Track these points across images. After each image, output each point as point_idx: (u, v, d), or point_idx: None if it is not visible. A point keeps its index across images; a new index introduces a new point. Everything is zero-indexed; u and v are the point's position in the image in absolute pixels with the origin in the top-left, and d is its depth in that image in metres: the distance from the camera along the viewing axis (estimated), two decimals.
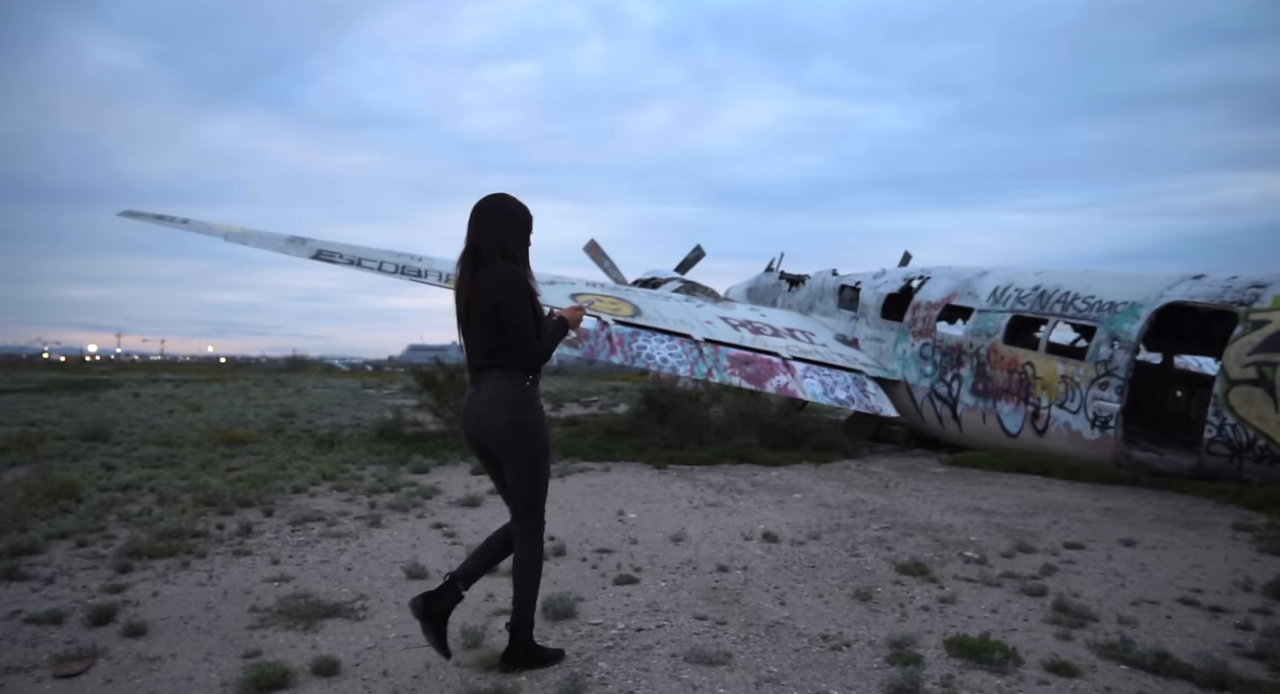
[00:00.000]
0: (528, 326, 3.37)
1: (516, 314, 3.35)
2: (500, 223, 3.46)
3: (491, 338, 3.39)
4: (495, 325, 3.37)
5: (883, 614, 4.29)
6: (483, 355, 3.43)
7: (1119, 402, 9.40)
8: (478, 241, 3.44)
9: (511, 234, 3.46)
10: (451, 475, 8.98)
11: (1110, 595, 4.77)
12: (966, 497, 8.25)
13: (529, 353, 3.39)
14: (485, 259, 3.41)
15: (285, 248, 11.37)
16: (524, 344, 3.37)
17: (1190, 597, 4.76)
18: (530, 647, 3.47)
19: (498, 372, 3.40)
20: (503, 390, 3.37)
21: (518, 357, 3.38)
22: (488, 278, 3.37)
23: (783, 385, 11.40)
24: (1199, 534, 6.65)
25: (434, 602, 3.39)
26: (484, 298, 3.36)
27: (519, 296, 3.35)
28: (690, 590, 4.63)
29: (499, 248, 3.41)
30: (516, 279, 3.38)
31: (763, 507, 7.43)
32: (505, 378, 3.39)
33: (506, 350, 3.38)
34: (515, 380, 3.39)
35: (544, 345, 3.44)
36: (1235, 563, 5.65)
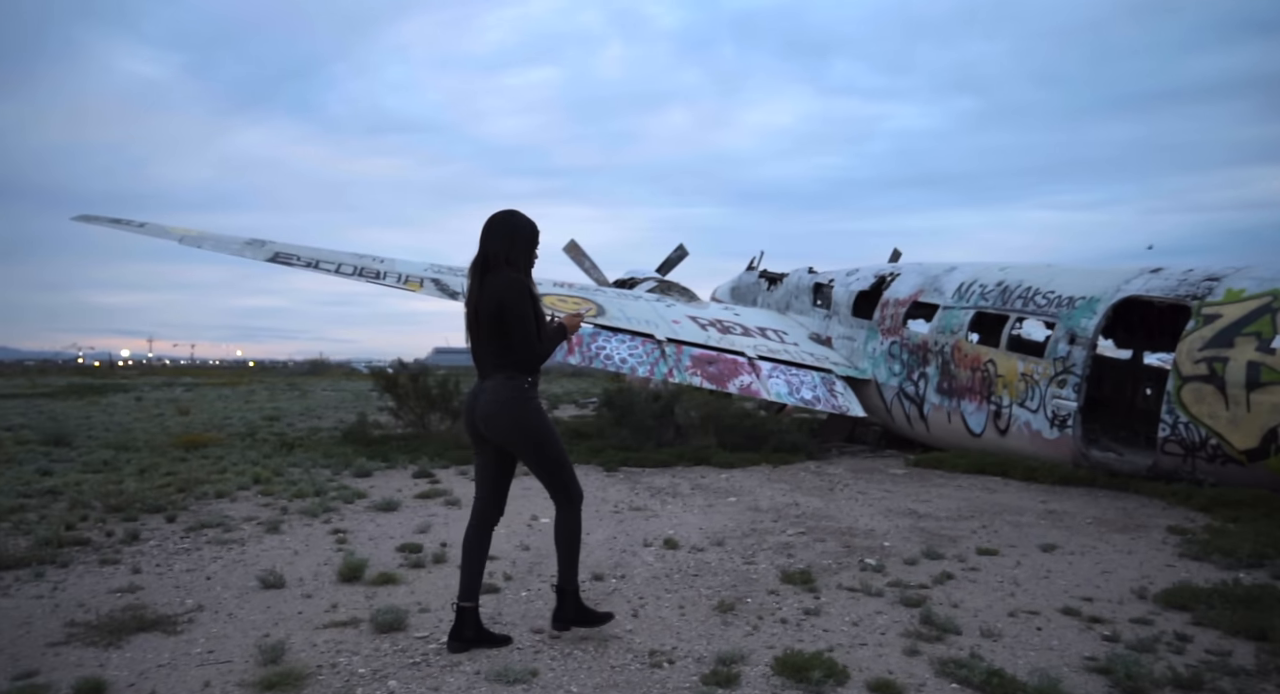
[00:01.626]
0: (529, 330, 3.73)
1: (518, 318, 3.71)
2: (508, 236, 3.83)
3: (496, 340, 3.76)
4: (500, 328, 3.73)
5: (734, 628, 4.12)
6: (489, 356, 3.81)
7: (1076, 400, 9.11)
8: (486, 252, 3.81)
9: (518, 246, 3.84)
10: (390, 479, 8.89)
11: (992, 606, 4.56)
12: (909, 499, 8.03)
13: (530, 354, 3.76)
14: (492, 268, 3.78)
15: (242, 251, 11.36)
16: (525, 346, 3.74)
17: (1077, 606, 4.53)
18: (579, 607, 3.92)
19: (501, 374, 3.78)
20: (504, 391, 3.76)
21: (519, 357, 3.75)
22: (494, 285, 3.73)
23: (746, 385, 11.20)
24: (1128, 538, 6.40)
25: (460, 633, 3.76)
26: (490, 302, 3.72)
27: (521, 302, 3.72)
28: (548, 602, 4.47)
29: (505, 258, 3.78)
30: (520, 286, 3.75)
31: (688, 511, 7.27)
32: (507, 380, 3.77)
33: (510, 352, 3.75)
34: (516, 382, 3.77)
35: (543, 347, 3.81)
36: (1147, 569, 5.40)
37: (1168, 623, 4.26)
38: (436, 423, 12.24)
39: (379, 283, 11.37)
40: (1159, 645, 3.90)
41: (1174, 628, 4.16)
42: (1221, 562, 5.51)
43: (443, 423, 12.22)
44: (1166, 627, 4.19)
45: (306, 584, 4.74)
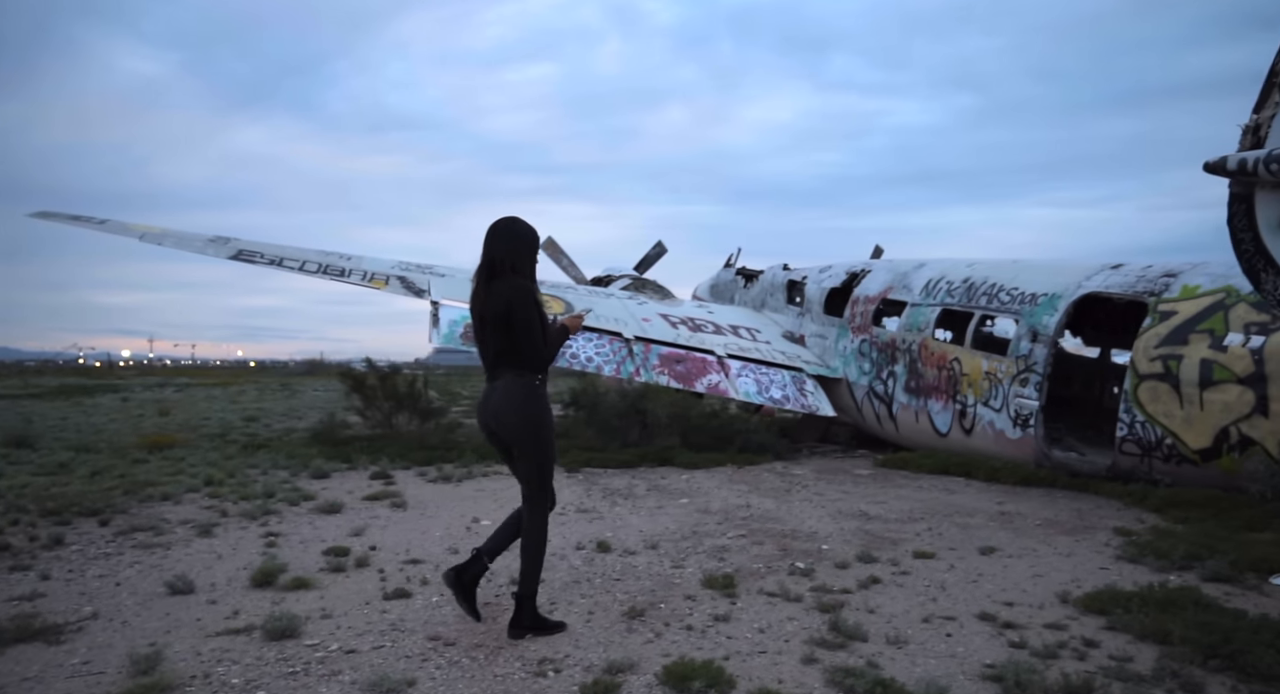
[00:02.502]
0: (535, 333, 3.93)
1: (525, 322, 3.89)
2: (511, 242, 4.01)
3: (503, 342, 3.94)
4: (506, 331, 3.91)
5: (636, 635, 4.05)
6: (496, 357, 3.99)
7: (1038, 399, 9.03)
8: (491, 258, 3.98)
9: (521, 252, 4.02)
10: (347, 480, 8.84)
11: (910, 611, 4.48)
12: (864, 501, 7.95)
13: (536, 356, 3.96)
14: (498, 273, 3.95)
15: (204, 249, 11.31)
16: (531, 348, 3.93)
17: (995, 611, 4.46)
18: (535, 615, 3.99)
19: (510, 372, 3.97)
20: (515, 389, 3.95)
21: (526, 359, 3.94)
22: (500, 290, 3.90)
23: (714, 384, 11.14)
24: (1073, 540, 6.32)
25: (463, 572, 4.05)
26: (497, 307, 3.89)
27: (527, 307, 3.90)
28: (455, 608, 4.41)
29: (510, 264, 3.95)
30: (525, 292, 3.93)
31: (635, 513, 7.20)
32: (517, 378, 3.96)
33: (516, 353, 3.94)
34: (526, 380, 3.96)
35: (548, 350, 4.03)
36: (1080, 572, 5.33)
37: (1081, 628, 4.19)
38: (405, 423, 12.19)
39: (344, 280, 11.31)
40: (1063, 651, 3.83)
41: (1085, 633, 4.08)
42: (1155, 564, 5.44)
43: (411, 423, 12.16)
44: (1079, 632, 4.12)
45: (217, 590, 4.68)
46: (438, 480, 8.97)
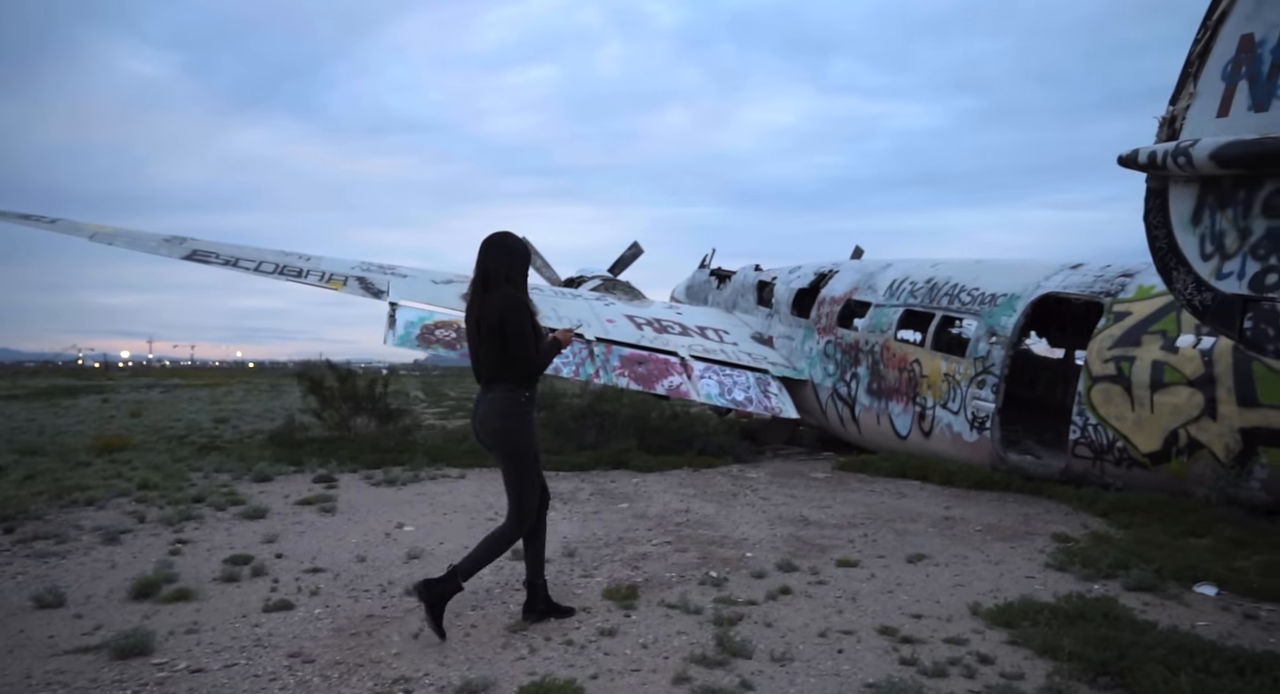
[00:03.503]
0: (528, 344, 4.05)
1: (518, 333, 4.02)
2: (505, 256, 4.14)
3: (496, 351, 4.06)
4: (500, 341, 4.02)
5: (510, 651, 3.86)
6: (490, 367, 4.12)
7: (994, 401, 8.83)
8: (486, 270, 4.10)
9: (515, 265, 4.16)
10: (289, 483, 8.66)
11: (810, 624, 4.29)
12: (810, 505, 7.76)
13: (528, 367, 4.10)
14: (492, 285, 4.07)
15: (158, 249, 11.13)
16: (523, 358, 4.06)
17: (899, 624, 4.27)
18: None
19: (501, 385, 4.10)
20: (501, 401, 4.09)
21: (518, 369, 4.07)
22: (495, 301, 4.03)
23: (675, 386, 10.95)
24: (1008, 547, 6.13)
25: (432, 589, 3.98)
26: (491, 317, 4.01)
27: (520, 318, 4.03)
28: (334, 621, 4.24)
29: (504, 276, 4.08)
30: (519, 303, 4.07)
31: (569, 519, 7.01)
32: (506, 393, 4.10)
33: (509, 363, 4.06)
34: (515, 395, 4.10)
35: (540, 360, 4.16)
36: (1004, 581, 5.13)
37: (982, 643, 4.00)
38: (363, 425, 12.00)
39: (301, 281, 11.14)
40: (953, 669, 3.64)
41: (984, 649, 3.89)
42: (1081, 573, 5.24)
43: (369, 425, 11.98)
44: (978, 647, 3.92)
45: (90, 603, 4.50)
46: (381, 484, 8.79)
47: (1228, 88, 3.77)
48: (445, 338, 10.64)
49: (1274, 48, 3.58)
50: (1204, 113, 3.87)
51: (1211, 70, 3.87)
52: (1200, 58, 3.93)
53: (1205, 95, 3.88)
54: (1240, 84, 3.72)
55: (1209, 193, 3.81)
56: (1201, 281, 3.82)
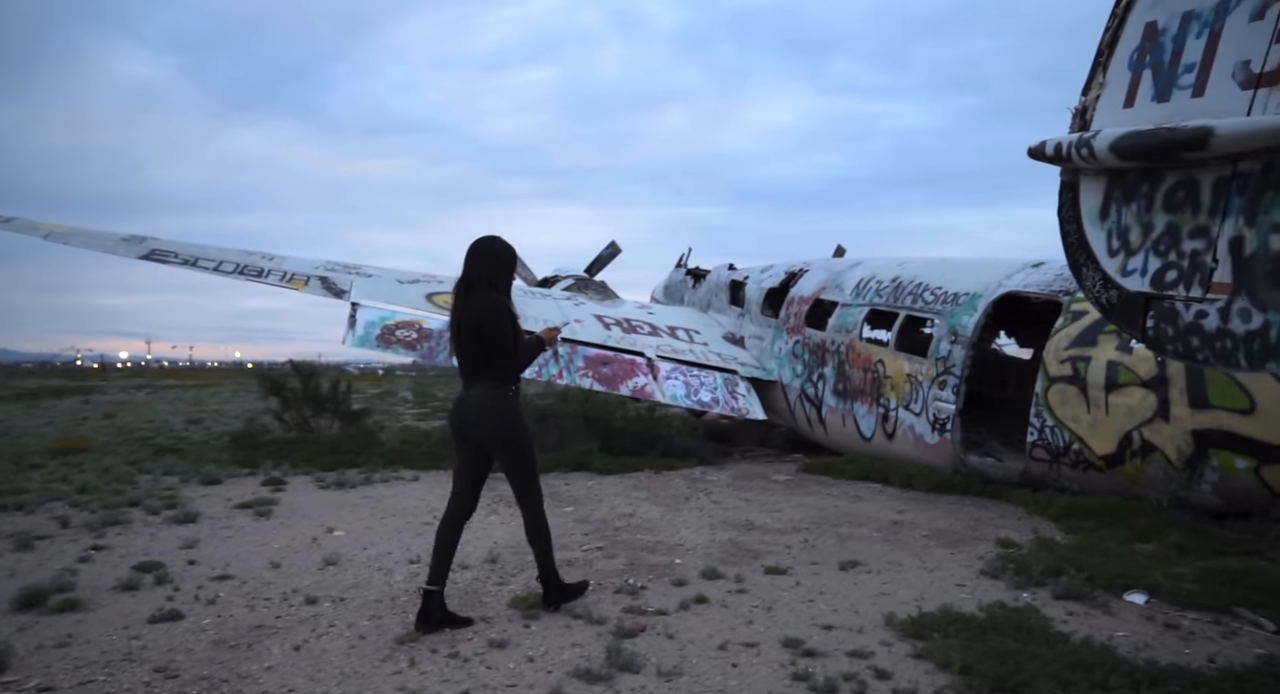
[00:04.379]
0: (507, 344, 4.19)
1: (499, 334, 4.16)
2: (490, 260, 4.30)
3: (478, 352, 4.20)
4: (482, 342, 4.17)
5: (389, 665, 3.71)
6: (472, 366, 4.26)
7: (954, 402, 8.65)
8: (470, 274, 4.27)
9: (499, 269, 4.31)
10: (237, 486, 8.50)
11: (713, 636, 4.14)
12: (759, 509, 7.60)
13: (508, 366, 4.25)
14: (475, 288, 4.23)
15: (115, 248, 10.98)
16: (504, 359, 4.21)
17: (807, 636, 4.11)
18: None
19: (484, 382, 4.24)
20: (488, 398, 4.22)
21: (499, 367, 4.22)
22: (474, 303, 4.18)
23: (639, 387, 10.78)
24: (949, 553, 5.96)
25: (550, 593, 4.51)
26: (473, 319, 4.16)
27: (502, 320, 4.17)
28: (218, 632, 4.09)
29: (487, 280, 4.23)
30: (501, 306, 4.22)
31: (506, 524, 6.86)
32: (491, 388, 4.23)
33: (490, 363, 4.20)
34: (501, 391, 4.24)
35: (520, 359, 4.31)
36: (932, 590, 4.97)
37: (886, 656, 3.84)
38: (325, 426, 11.85)
39: (262, 281, 10.99)
40: (846, 685, 3.49)
41: (885, 663, 3.73)
42: (1013, 580, 5.08)
43: (332, 426, 11.83)
44: (880, 661, 3.77)
45: None
46: (330, 487, 8.64)
47: (1133, 77, 3.61)
48: (406, 338, 10.48)
49: (1175, 36, 3.41)
50: (1112, 103, 3.71)
51: (1119, 59, 3.71)
52: (1109, 46, 3.77)
53: (1113, 85, 3.72)
54: (1145, 73, 3.55)
55: (1115, 186, 3.64)
56: (1108, 279, 3.66)
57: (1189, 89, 3.34)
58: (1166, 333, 3.37)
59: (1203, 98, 3.28)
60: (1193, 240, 3.26)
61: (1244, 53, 3.12)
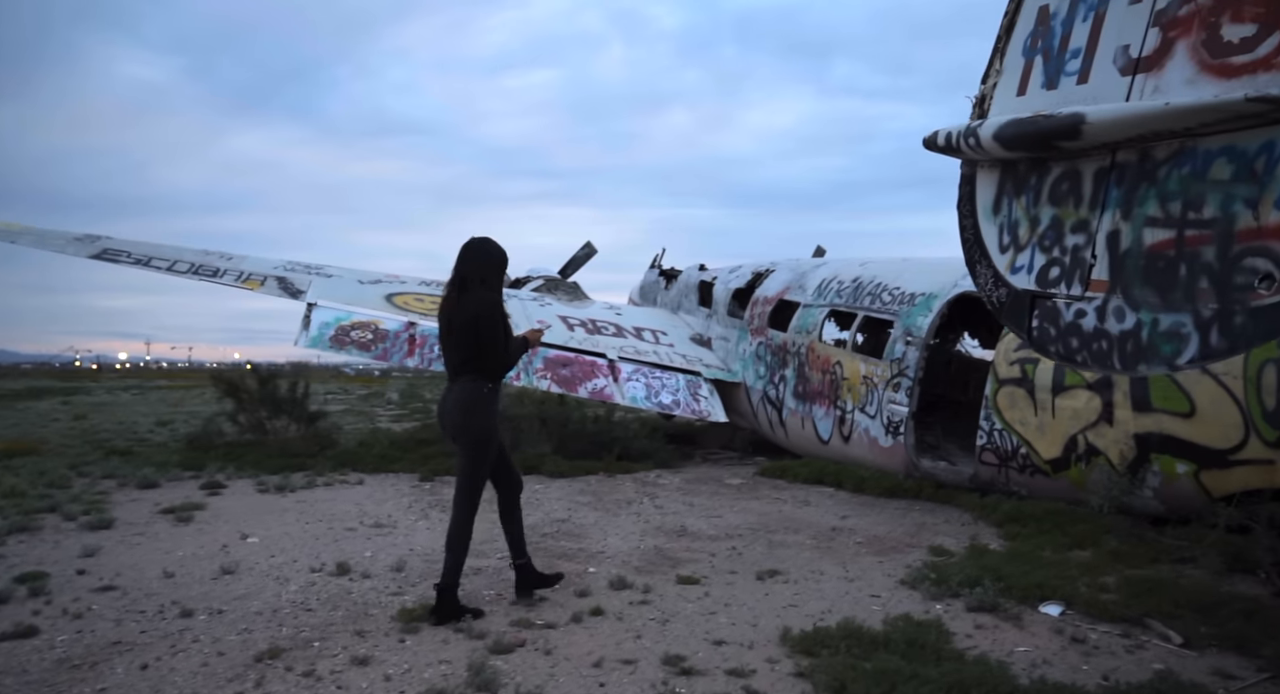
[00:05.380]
0: (499, 342, 4.34)
1: (491, 332, 4.31)
2: (482, 260, 4.44)
3: (466, 349, 4.33)
4: (472, 339, 4.30)
5: (234, 684, 3.51)
6: (458, 362, 4.38)
7: (908, 404, 8.44)
8: (463, 273, 4.41)
9: (490, 269, 4.45)
10: (173, 491, 8.27)
11: (591, 653, 3.92)
12: (700, 514, 7.41)
13: (498, 363, 4.40)
14: (469, 287, 4.36)
15: (64, 247, 10.82)
16: (494, 356, 4.35)
17: (690, 653, 3.90)
18: (453, 602, 4.37)
19: (467, 377, 4.36)
20: (467, 393, 4.35)
21: (487, 365, 4.35)
22: (469, 302, 4.32)
23: (599, 389, 10.59)
24: (876, 561, 5.76)
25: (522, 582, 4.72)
26: (465, 317, 4.29)
27: (494, 319, 4.33)
28: (68, 650, 3.88)
29: (479, 278, 4.37)
30: (493, 305, 4.37)
31: (433, 529, 6.66)
32: (471, 384, 4.35)
33: (478, 360, 4.33)
34: (478, 386, 4.35)
35: (509, 357, 4.46)
36: (844, 602, 4.77)
37: (769, 674, 3.64)
38: (283, 429, 11.64)
39: (216, 281, 10.83)
40: None
41: (763, 682, 3.54)
42: (929, 591, 4.87)
43: (289, 429, 11.62)
44: (760, 680, 3.57)
45: None
46: (270, 490, 8.42)
47: (1026, 64, 3.41)
48: (361, 340, 10.31)
49: (1064, 20, 3.21)
50: (1007, 91, 3.51)
51: (1015, 45, 3.50)
52: (1006, 32, 3.57)
53: (1009, 72, 3.52)
54: (1036, 59, 3.35)
55: (1008, 179, 3.44)
56: (999, 276, 3.45)
57: (1075, 75, 3.14)
58: (1049, 333, 3.17)
59: (1087, 84, 3.08)
60: (1074, 235, 3.06)
61: (1124, 37, 2.92)
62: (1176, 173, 2.67)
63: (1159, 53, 2.76)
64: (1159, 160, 2.73)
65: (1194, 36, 2.63)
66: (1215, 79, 2.54)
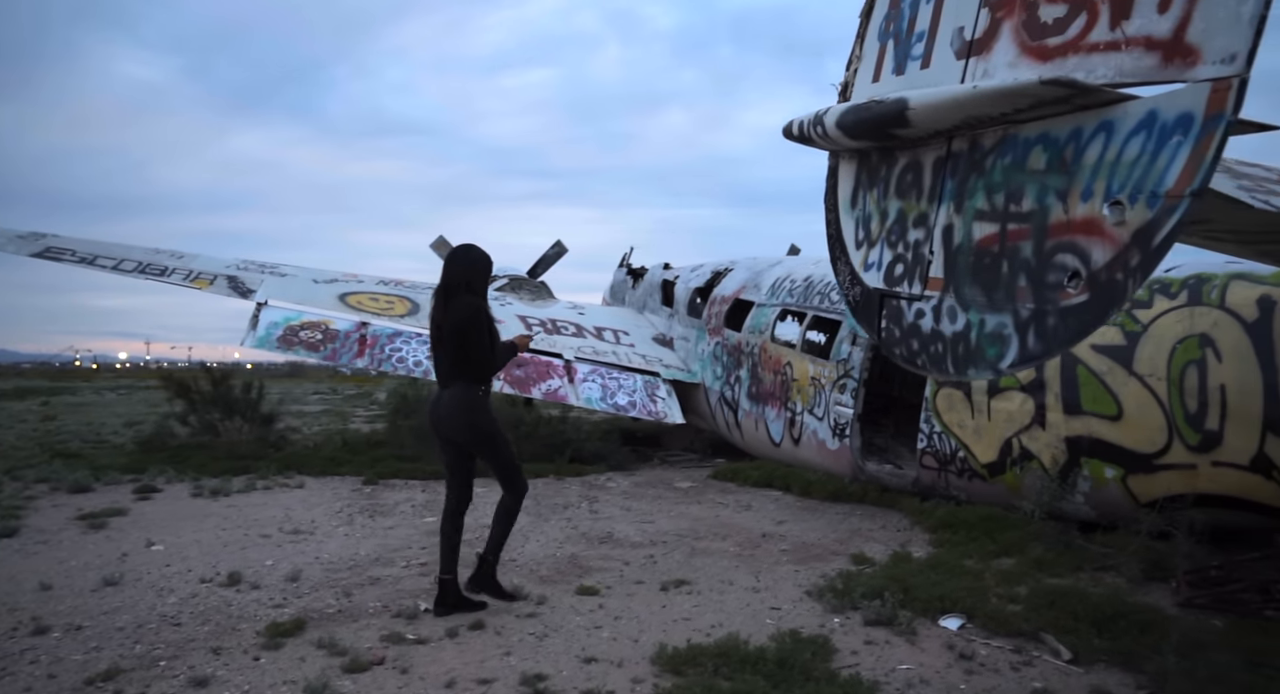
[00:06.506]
0: (484, 346, 4.44)
1: (477, 336, 4.41)
2: (468, 266, 4.55)
3: (455, 353, 4.43)
4: (460, 343, 4.40)
5: None
6: (449, 367, 4.49)
7: (853, 406, 8.24)
8: (449, 279, 4.52)
9: (474, 274, 4.55)
10: (101, 496, 8.10)
11: (450, 672, 3.75)
12: (633, 519, 7.23)
13: (483, 367, 4.50)
14: (454, 293, 4.47)
15: (5, 245, 10.66)
16: (480, 360, 4.45)
17: (554, 671, 3.73)
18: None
19: (458, 382, 4.47)
20: (459, 398, 4.46)
21: (475, 369, 4.46)
22: (456, 308, 4.42)
23: (553, 390, 10.41)
24: (793, 570, 5.58)
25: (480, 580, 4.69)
26: (452, 322, 4.39)
27: (478, 323, 4.42)
28: None
29: (465, 284, 4.48)
30: (477, 310, 4.46)
31: (352, 534, 6.49)
32: (463, 388, 4.46)
33: (466, 364, 4.43)
34: (470, 390, 4.47)
35: (497, 362, 4.59)
36: (740, 616, 4.58)
37: None
38: (236, 430, 11.47)
39: (164, 280, 10.68)
40: None
41: None
42: (830, 603, 4.68)
43: (241, 430, 11.45)
44: None
45: None
46: (205, 494, 8.25)
47: (881, 48, 3.22)
48: (310, 340, 10.14)
49: (912, 2, 3.02)
50: (865, 77, 3.32)
51: (873, 29, 3.32)
52: (866, 15, 3.38)
53: (867, 57, 3.33)
54: (889, 43, 3.16)
55: (863, 170, 3.25)
56: (854, 273, 3.27)
57: (919, 60, 2.95)
58: (894, 334, 2.98)
59: (929, 69, 2.88)
60: (915, 230, 2.87)
61: (960, 18, 2.73)
62: (1000, 163, 2.48)
63: (988, 35, 2.57)
64: (986, 150, 2.55)
65: (1016, 17, 2.44)
66: (1033, 62, 2.36)
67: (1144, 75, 2.03)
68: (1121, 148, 2.08)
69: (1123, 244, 2.04)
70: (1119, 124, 2.10)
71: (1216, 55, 1.85)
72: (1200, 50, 1.89)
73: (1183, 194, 1.91)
